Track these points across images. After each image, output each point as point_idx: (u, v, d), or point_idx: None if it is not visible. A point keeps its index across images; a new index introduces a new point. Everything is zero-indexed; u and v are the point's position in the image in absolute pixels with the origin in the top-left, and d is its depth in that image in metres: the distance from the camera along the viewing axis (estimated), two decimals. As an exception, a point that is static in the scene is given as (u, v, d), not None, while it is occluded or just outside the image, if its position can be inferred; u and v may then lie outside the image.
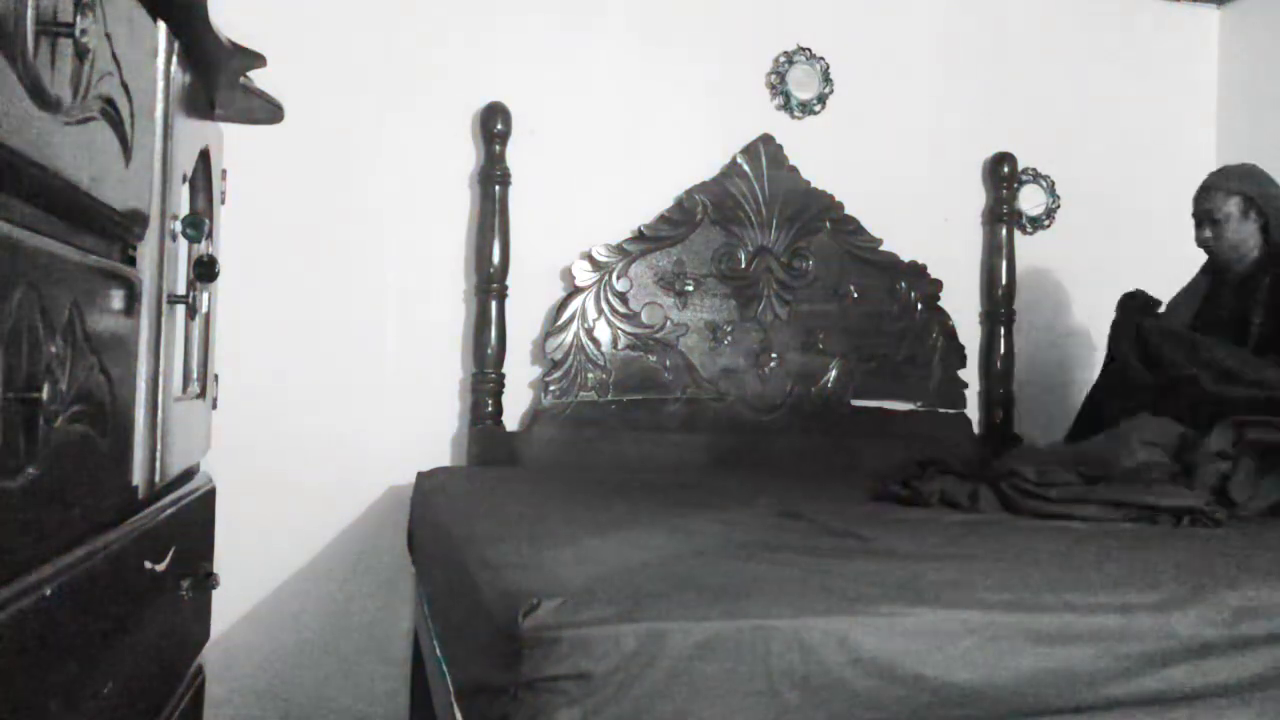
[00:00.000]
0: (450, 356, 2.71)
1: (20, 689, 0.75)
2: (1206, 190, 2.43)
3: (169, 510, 1.28)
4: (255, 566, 2.49)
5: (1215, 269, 2.50)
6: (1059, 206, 3.17)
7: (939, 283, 3.01)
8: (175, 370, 1.32)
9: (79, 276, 0.91)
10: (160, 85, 1.20)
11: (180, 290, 1.34)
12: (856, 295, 2.95)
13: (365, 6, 2.67)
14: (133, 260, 1.14)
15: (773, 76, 2.95)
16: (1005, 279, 3.06)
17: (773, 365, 2.87)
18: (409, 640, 2.59)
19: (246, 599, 2.52)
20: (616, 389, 2.75)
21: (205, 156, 1.52)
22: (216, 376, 1.72)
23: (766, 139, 2.90)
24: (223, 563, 1.64)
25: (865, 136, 2.99)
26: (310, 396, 2.58)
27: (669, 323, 2.80)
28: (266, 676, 2.55)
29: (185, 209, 1.40)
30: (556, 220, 2.75)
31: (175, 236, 1.29)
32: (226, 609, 2.39)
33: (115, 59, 0.97)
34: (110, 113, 0.97)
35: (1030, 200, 3.15)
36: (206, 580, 1.47)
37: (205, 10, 1.27)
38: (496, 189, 2.68)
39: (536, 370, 2.74)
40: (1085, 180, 3.14)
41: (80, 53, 0.86)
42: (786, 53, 2.95)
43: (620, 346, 2.76)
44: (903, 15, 3.06)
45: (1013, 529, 1.81)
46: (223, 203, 1.71)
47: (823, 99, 2.97)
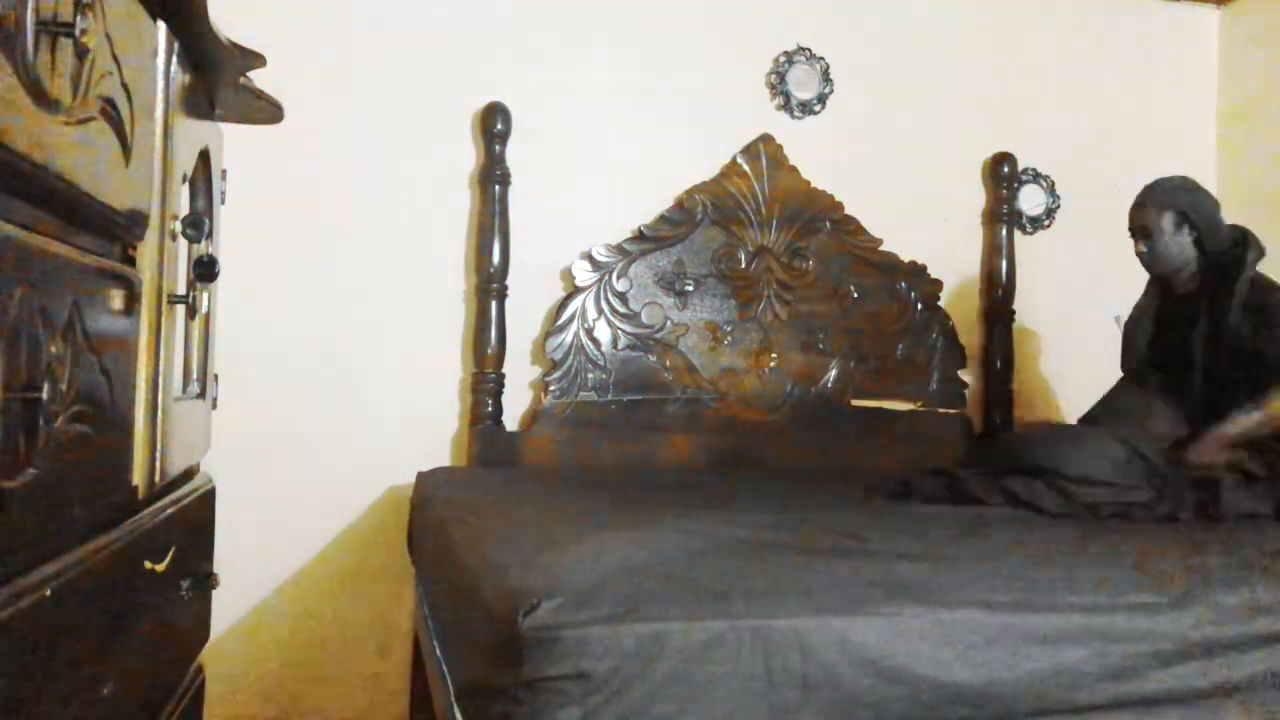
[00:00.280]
0: (450, 356, 2.71)
1: (20, 689, 0.75)
2: (1139, 206, 2.44)
3: (169, 510, 1.28)
4: (255, 566, 2.49)
5: (1158, 282, 2.51)
6: (1059, 206, 3.17)
7: (939, 283, 3.01)
8: (175, 370, 1.32)
9: (79, 276, 0.91)
10: (160, 85, 1.20)
11: (180, 290, 1.34)
12: (856, 295, 2.94)
13: (365, 7, 2.67)
14: (133, 260, 1.14)
15: (773, 76, 2.95)
16: (1005, 279, 3.06)
17: (773, 365, 2.87)
18: (409, 640, 2.59)
19: (246, 599, 2.52)
20: (616, 389, 2.75)
21: (205, 156, 1.52)
22: (216, 376, 1.72)
23: (766, 139, 2.90)
24: (223, 563, 1.64)
25: (865, 136, 2.99)
26: (310, 396, 2.58)
27: (669, 323, 2.80)
28: (266, 676, 2.55)
29: (185, 209, 1.40)
30: (556, 220, 2.75)
31: (175, 236, 1.29)
32: (226, 609, 2.39)
33: (115, 59, 0.97)
34: (110, 113, 0.97)
35: (1030, 200, 3.15)
36: (206, 580, 1.47)
37: (205, 10, 1.27)
38: (496, 189, 2.68)
39: (536, 370, 2.74)
40: (1085, 180, 3.14)
41: (80, 53, 0.86)
42: (786, 53, 2.95)
43: (620, 346, 2.76)
44: (903, 15, 3.05)
45: (1013, 529, 1.81)
46: (223, 203, 1.71)
47: (823, 99, 2.97)
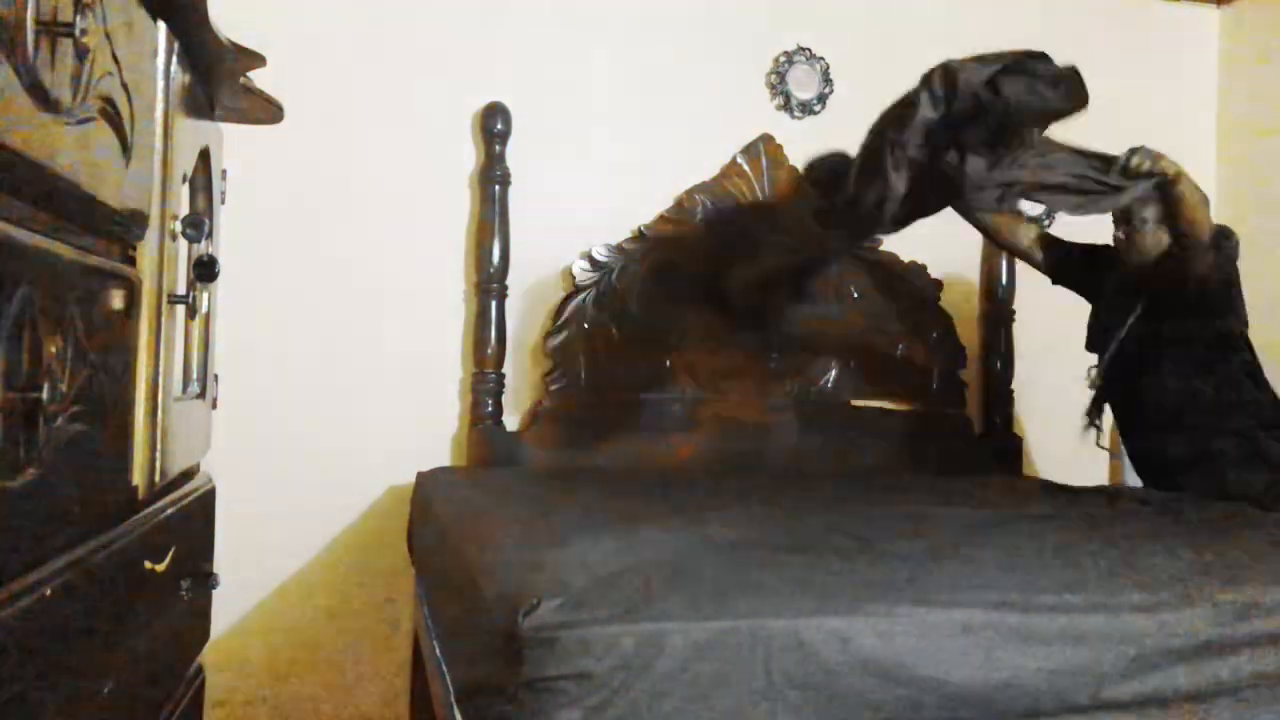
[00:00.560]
0: (450, 356, 2.71)
1: (20, 689, 0.75)
2: None
3: (169, 510, 1.28)
4: (255, 566, 2.48)
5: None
6: (1059, 206, 3.16)
7: (939, 283, 3.01)
8: (175, 370, 1.32)
9: (79, 276, 0.91)
10: (160, 85, 1.20)
11: (180, 290, 1.34)
12: (856, 295, 2.94)
13: (365, 7, 2.67)
14: (133, 260, 1.14)
15: (773, 76, 2.95)
16: (1005, 279, 3.06)
17: (773, 365, 2.87)
18: (409, 640, 2.59)
19: (246, 599, 2.52)
20: (617, 389, 2.75)
21: (205, 156, 1.52)
22: (216, 376, 1.72)
23: (766, 139, 2.89)
24: (223, 563, 1.64)
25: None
26: (310, 396, 2.58)
27: (669, 323, 2.80)
28: (266, 677, 2.55)
29: (185, 209, 1.40)
30: (556, 220, 2.75)
31: (175, 236, 1.29)
32: (226, 609, 2.39)
33: (115, 59, 0.97)
34: (110, 113, 0.97)
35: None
36: (206, 580, 1.47)
37: (205, 10, 1.27)
38: (496, 189, 2.67)
39: (537, 370, 2.74)
40: (1085, 180, 3.14)
41: (80, 53, 0.86)
42: (786, 53, 2.95)
43: (620, 347, 2.75)
44: (903, 15, 3.05)
45: (1013, 529, 1.81)
46: (223, 203, 1.71)
47: (823, 99, 2.97)
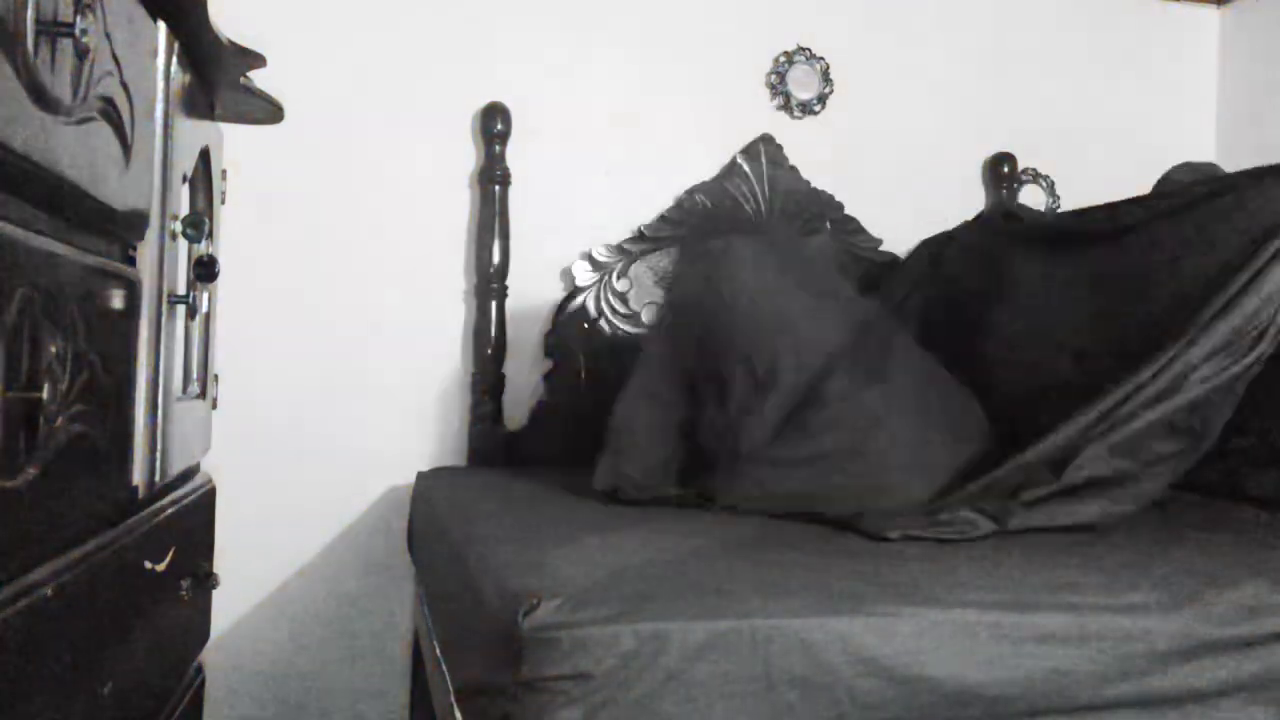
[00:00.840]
0: (450, 356, 2.71)
1: (20, 689, 0.75)
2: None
3: (169, 510, 1.28)
4: (255, 566, 2.49)
5: None
6: (1059, 206, 3.16)
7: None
8: (175, 370, 1.32)
9: (79, 276, 0.91)
10: (160, 85, 1.20)
11: (180, 290, 1.34)
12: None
13: (365, 6, 2.67)
14: (133, 260, 1.14)
15: (773, 76, 2.95)
16: (1006, 279, 3.06)
17: (773, 365, 2.86)
18: (409, 640, 2.59)
19: (246, 599, 2.52)
20: (617, 389, 2.73)
21: (205, 156, 1.52)
22: (216, 376, 1.72)
23: (766, 139, 2.89)
24: (223, 563, 1.64)
25: (865, 136, 2.99)
26: (310, 396, 2.58)
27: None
28: (266, 677, 2.55)
29: (185, 209, 1.40)
30: (556, 220, 2.75)
31: (175, 236, 1.29)
32: (226, 609, 2.39)
33: (115, 59, 0.97)
34: (110, 113, 0.97)
35: (1030, 200, 3.14)
36: (206, 580, 1.48)
37: (205, 10, 1.27)
38: (496, 189, 2.67)
39: (537, 370, 2.74)
40: (1085, 180, 3.13)
41: (80, 53, 0.86)
42: (786, 53, 2.95)
43: (621, 347, 2.75)
44: (903, 15, 3.05)
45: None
46: (223, 203, 1.71)
47: (823, 99, 2.97)
